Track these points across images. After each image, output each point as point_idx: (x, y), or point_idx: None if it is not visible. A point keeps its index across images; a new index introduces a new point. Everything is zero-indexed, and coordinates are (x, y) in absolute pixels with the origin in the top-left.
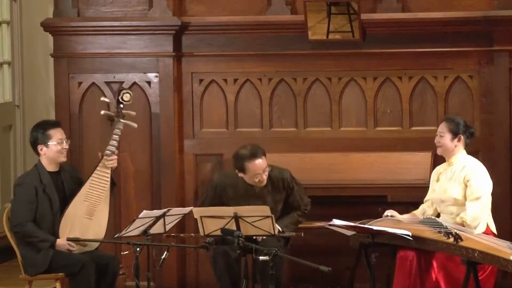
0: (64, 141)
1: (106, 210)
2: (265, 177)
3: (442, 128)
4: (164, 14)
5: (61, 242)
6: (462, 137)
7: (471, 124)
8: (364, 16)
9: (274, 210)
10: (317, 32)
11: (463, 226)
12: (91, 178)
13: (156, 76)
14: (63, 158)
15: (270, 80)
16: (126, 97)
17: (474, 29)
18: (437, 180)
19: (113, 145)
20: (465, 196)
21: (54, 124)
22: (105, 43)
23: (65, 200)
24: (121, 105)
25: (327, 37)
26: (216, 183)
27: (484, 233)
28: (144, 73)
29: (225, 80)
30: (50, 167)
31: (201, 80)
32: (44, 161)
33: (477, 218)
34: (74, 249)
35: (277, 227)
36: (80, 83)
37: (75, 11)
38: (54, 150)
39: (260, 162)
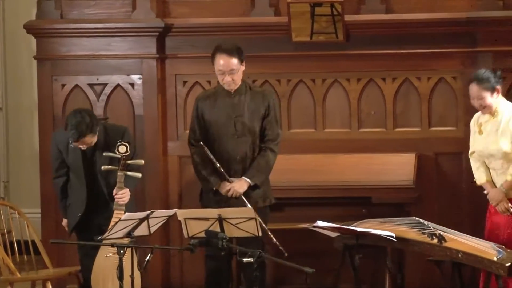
0: (85, 146)
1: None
2: (229, 79)
3: (477, 91)
4: (148, 16)
5: (63, 224)
6: (498, 90)
7: (492, 67)
8: (347, 18)
9: (251, 129)
10: (300, 33)
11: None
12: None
13: (140, 78)
14: (85, 147)
15: (253, 82)
16: (122, 149)
17: (458, 30)
18: (480, 132)
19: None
20: None
21: (77, 137)
22: (89, 45)
23: (92, 168)
24: (121, 157)
25: (311, 38)
26: (198, 98)
27: None
28: (128, 75)
29: (209, 82)
30: None
31: (184, 82)
32: None
33: None
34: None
35: (246, 180)
36: (63, 85)
37: (58, 13)
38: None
39: (225, 59)
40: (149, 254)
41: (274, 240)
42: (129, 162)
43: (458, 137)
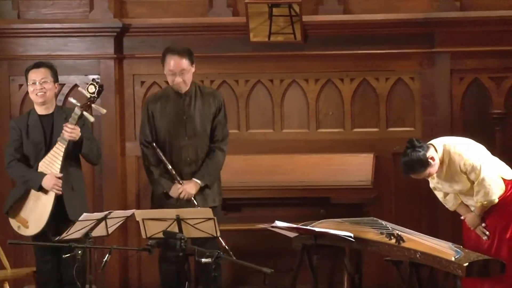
0: (37, 82)
1: (51, 199)
2: (179, 80)
3: (419, 175)
4: (105, 16)
5: (47, 181)
6: (432, 157)
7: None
8: (305, 18)
9: (202, 131)
10: (259, 34)
11: (487, 206)
12: (43, 161)
13: (98, 78)
14: (39, 99)
15: (212, 82)
16: (91, 89)
17: (415, 31)
18: (433, 178)
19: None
20: (472, 181)
21: (34, 65)
22: (46, 45)
23: (52, 143)
24: (90, 97)
25: (269, 39)
26: (147, 101)
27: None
28: (86, 75)
29: (167, 82)
30: (39, 110)
31: (142, 82)
32: (35, 104)
33: (489, 193)
34: (59, 192)
35: (196, 181)
36: (20, 86)
37: (15, 13)
38: (30, 91)
39: (176, 60)
40: (107, 255)
41: (224, 244)
42: (93, 106)
43: (415, 137)
